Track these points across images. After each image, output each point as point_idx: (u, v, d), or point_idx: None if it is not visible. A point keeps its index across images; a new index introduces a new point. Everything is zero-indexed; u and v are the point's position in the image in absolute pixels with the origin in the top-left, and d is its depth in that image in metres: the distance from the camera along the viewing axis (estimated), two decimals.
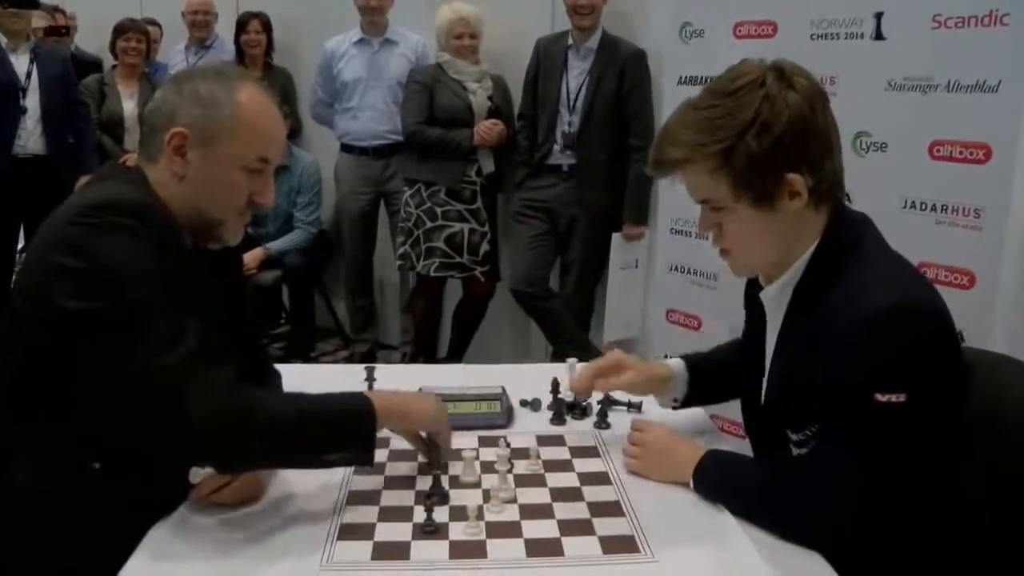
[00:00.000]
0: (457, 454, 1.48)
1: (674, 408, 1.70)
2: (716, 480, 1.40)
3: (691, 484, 1.42)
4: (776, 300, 1.41)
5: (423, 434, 1.49)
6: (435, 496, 1.37)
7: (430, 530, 1.30)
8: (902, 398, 1.21)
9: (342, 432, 1.34)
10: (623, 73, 3.68)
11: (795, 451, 1.38)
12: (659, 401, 1.70)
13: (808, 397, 1.31)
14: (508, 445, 1.45)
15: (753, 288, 1.53)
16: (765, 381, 1.44)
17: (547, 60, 3.85)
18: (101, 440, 1.31)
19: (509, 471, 1.43)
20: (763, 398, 1.45)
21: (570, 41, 3.79)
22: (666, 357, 1.75)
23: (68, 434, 1.31)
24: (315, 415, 1.33)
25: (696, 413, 1.76)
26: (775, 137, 1.27)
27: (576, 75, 3.77)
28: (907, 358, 1.23)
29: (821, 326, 1.28)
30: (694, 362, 1.69)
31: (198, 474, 1.37)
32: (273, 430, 1.29)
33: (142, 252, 1.28)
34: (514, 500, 1.39)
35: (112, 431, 1.28)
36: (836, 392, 1.24)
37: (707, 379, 1.68)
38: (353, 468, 1.47)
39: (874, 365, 1.22)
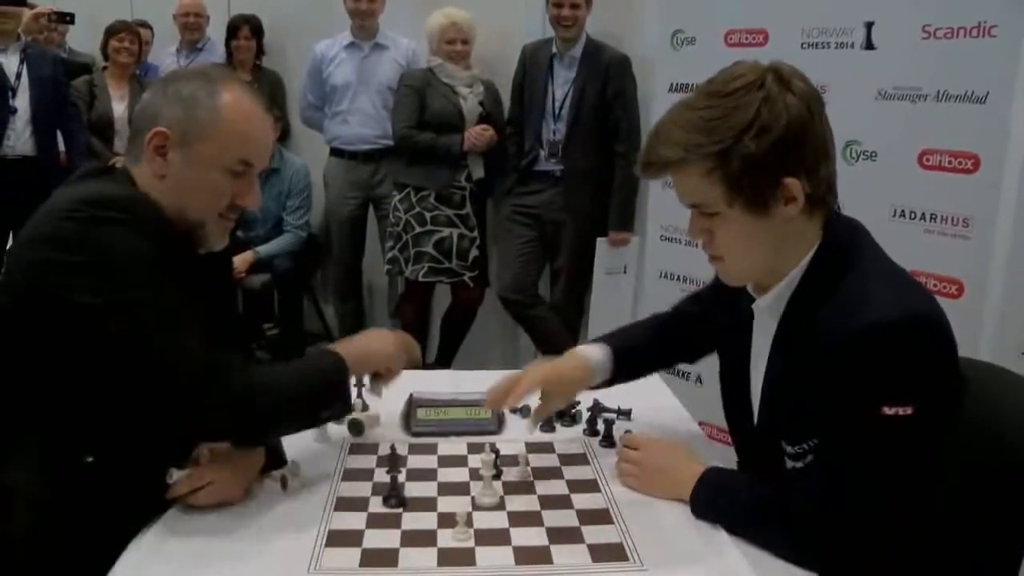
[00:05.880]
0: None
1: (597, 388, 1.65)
2: (713, 501, 1.35)
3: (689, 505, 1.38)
4: (770, 309, 1.38)
5: None
6: (392, 499, 1.38)
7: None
8: (909, 410, 1.19)
9: (331, 391, 1.44)
10: (607, 79, 3.68)
11: (790, 464, 1.35)
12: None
13: (808, 410, 1.28)
14: (495, 451, 1.44)
15: (728, 289, 1.46)
16: (759, 390, 1.41)
17: (533, 67, 3.86)
18: (95, 433, 1.31)
19: (495, 476, 1.43)
20: (756, 408, 1.42)
21: (555, 49, 3.79)
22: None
23: (61, 427, 1.30)
24: (309, 381, 1.42)
25: (684, 420, 1.76)
26: (774, 140, 1.22)
27: (561, 83, 3.77)
28: (914, 370, 1.20)
29: (822, 337, 1.25)
30: (617, 345, 1.63)
31: (173, 474, 1.36)
32: (284, 403, 1.39)
33: (139, 244, 1.29)
34: (499, 506, 1.39)
35: (110, 423, 1.30)
36: (841, 405, 1.22)
37: (632, 361, 1.65)
38: (341, 475, 1.49)
39: (882, 377, 1.19)
